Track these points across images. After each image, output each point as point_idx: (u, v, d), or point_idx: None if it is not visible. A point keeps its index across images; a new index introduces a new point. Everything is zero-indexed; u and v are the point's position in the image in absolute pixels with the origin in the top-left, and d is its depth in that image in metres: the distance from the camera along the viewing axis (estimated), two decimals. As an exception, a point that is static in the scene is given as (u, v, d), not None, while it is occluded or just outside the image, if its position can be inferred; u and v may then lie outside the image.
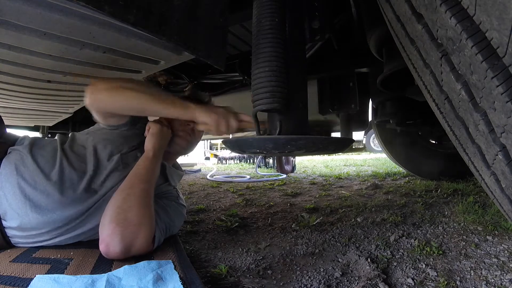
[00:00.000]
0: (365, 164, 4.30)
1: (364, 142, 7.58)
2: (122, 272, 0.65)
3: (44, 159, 0.85)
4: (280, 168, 3.51)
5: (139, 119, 1.05)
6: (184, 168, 1.23)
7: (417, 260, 0.84)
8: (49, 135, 2.28)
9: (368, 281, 0.71)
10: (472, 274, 0.75)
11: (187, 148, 1.11)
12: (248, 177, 3.12)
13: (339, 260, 0.87)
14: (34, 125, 2.44)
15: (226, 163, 5.90)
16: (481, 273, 0.75)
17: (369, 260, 0.84)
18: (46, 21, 0.67)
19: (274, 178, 2.95)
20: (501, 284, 0.69)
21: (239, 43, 1.37)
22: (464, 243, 0.95)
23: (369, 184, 2.21)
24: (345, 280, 0.74)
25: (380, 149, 3.95)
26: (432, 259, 0.85)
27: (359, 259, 0.86)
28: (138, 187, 0.82)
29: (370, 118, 1.82)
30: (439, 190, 1.84)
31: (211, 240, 1.06)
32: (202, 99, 1.07)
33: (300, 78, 0.77)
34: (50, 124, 2.31)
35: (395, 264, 0.83)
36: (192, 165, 5.11)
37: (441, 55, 0.41)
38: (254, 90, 0.70)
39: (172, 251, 0.82)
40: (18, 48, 0.78)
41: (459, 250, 0.90)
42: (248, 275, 0.78)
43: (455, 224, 1.14)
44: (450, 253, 0.88)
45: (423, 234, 1.06)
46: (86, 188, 0.85)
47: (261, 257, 0.90)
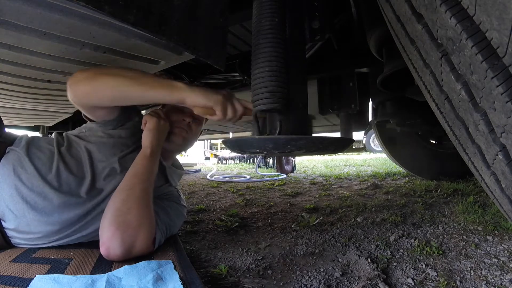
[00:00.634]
0: (365, 164, 4.30)
1: (364, 142, 7.58)
2: (122, 272, 0.65)
3: (41, 161, 0.84)
4: (280, 168, 3.51)
5: (132, 113, 0.99)
6: (184, 168, 1.22)
7: (417, 260, 0.84)
8: (49, 135, 2.28)
9: (368, 281, 0.71)
10: (472, 274, 0.75)
11: (183, 145, 1.05)
12: (248, 177, 3.13)
13: (339, 260, 0.87)
14: (34, 125, 2.44)
15: (226, 163, 5.90)
16: (481, 273, 0.75)
17: (369, 260, 0.84)
18: (46, 21, 0.67)
19: (274, 178, 2.95)
20: (501, 284, 0.69)
21: (239, 43, 1.37)
22: (464, 243, 0.95)
23: (369, 184, 2.21)
24: (345, 280, 0.74)
25: (380, 149, 3.95)
26: (432, 259, 0.85)
27: (359, 259, 0.86)
28: (137, 187, 0.80)
29: (370, 118, 1.82)
30: (439, 190, 1.84)
31: (211, 240, 1.06)
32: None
33: (300, 78, 0.77)
34: (50, 124, 2.32)
35: (395, 264, 0.83)
36: (192, 165, 5.11)
37: (441, 55, 0.41)
38: (254, 90, 0.70)
39: (172, 251, 0.82)
40: (18, 48, 0.78)
41: (459, 250, 0.90)
42: (248, 275, 0.78)
43: (455, 224, 1.14)
44: (450, 253, 0.88)
45: (423, 234, 1.06)
46: (85, 193, 0.84)
47: (261, 257, 0.90)
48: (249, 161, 5.61)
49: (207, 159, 7.31)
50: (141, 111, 1.06)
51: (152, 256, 0.78)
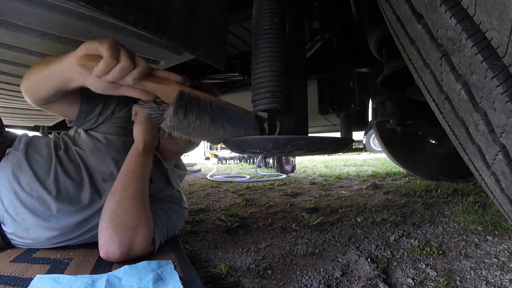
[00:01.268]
0: (365, 164, 4.30)
1: (364, 142, 7.58)
2: (122, 272, 0.65)
3: (39, 165, 0.83)
4: (280, 168, 3.51)
5: (106, 104, 0.90)
6: (184, 168, 1.21)
7: (417, 260, 0.84)
8: (49, 135, 2.28)
9: (368, 281, 0.71)
10: (472, 274, 0.75)
11: (188, 146, 1.03)
12: (248, 177, 3.13)
13: (339, 260, 0.87)
14: (34, 125, 2.44)
15: (226, 163, 5.90)
16: (481, 273, 0.75)
17: (369, 260, 0.84)
18: (46, 21, 0.67)
19: (274, 178, 2.95)
20: (501, 284, 0.69)
21: (239, 43, 1.37)
22: (464, 243, 0.95)
23: (369, 184, 2.21)
24: (345, 280, 0.74)
25: (380, 149, 3.95)
26: (432, 259, 0.85)
27: (359, 259, 0.86)
28: (131, 187, 0.78)
29: (370, 118, 1.82)
30: (439, 190, 1.84)
31: (211, 240, 1.06)
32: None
33: (300, 78, 0.77)
34: (50, 124, 2.32)
35: (395, 264, 0.83)
36: (192, 165, 5.10)
37: (441, 55, 0.41)
38: (254, 90, 0.70)
39: (172, 251, 0.82)
40: (18, 48, 0.78)
41: (459, 250, 0.90)
42: (248, 275, 0.78)
43: (455, 224, 1.14)
44: (450, 253, 0.88)
45: (423, 234, 1.06)
46: (84, 199, 0.83)
47: (261, 257, 0.90)
48: (249, 161, 5.61)
49: (207, 159, 7.30)
50: (128, 103, 0.95)
51: (152, 256, 0.78)
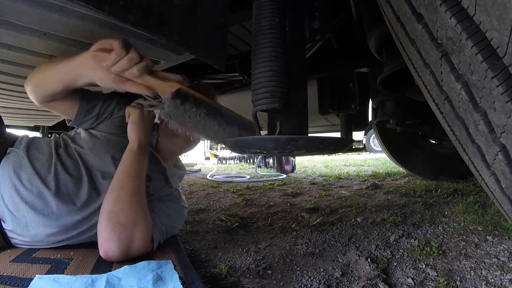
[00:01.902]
0: (365, 164, 4.30)
1: (364, 142, 7.57)
2: (122, 272, 0.65)
3: (40, 162, 0.84)
4: (280, 168, 3.51)
5: (103, 103, 0.94)
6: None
7: (417, 260, 0.84)
8: (49, 135, 2.28)
9: (368, 281, 0.71)
10: (472, 274, 0.75)
11: (185, 147, 1.06)
12: (248, 177, 3.12)
13: (339, 260, 0.87)
14: (34, 125, 2.44)
15: (226, 163, 5.90)
16: (481, 273, 0.75)
17: (369, 260, 0.84)
18: (46, 21, 0.67)
19: (274, 178, 2.95)
20: (501, 284, 0.69)
21: (239, 43, 1.37)
22: (464, 243, 0.95)
23: (369, 184, 2.21)
24: (345, 280, 0.74)
25: (380, 149, 3.95)
26: (432, 259, 0.85)
27: (359, 259, 0.86)
28: (127, 186, 0.78)
29: (370, 118, 1.82)
30: (439, 190, 1.84)
31: (211, 240, 1.06)
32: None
33: (300, 78, 0.77)
34: (50, 124, 2.32)
35: (395, 264, 0.83)
36: (192, 165, 5.10)
37: (441, 55, 0.41)
38: (254, 90, 0.70)
39: (172, 251, 0.82)
40: (18, 48, 0.78)
41: (459, 250, 0.90)
42: (248, 275, 0.78)
43: (455, 224, 1.14)
44: (450, 253, 0.88)
45: (423, 234, 1.06)
46: (83, 197, 0.83)
47: (261, 257, 0.90)
48: (249, 161, 5.61)
49: (207, 159, 7.30)
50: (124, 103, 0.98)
51: (152, 256, 0.78)
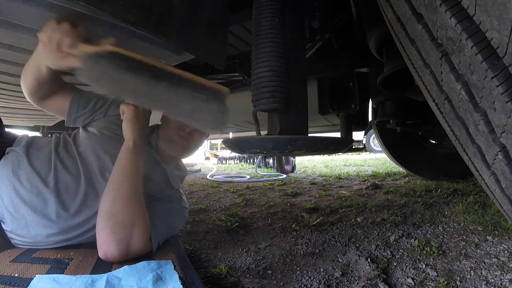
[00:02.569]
0: (365, 164, 4.30)
1: (364, 142, 7.57)
2: (122, 272, 0.65)
3: (40, 161, 0.83)
4: (280, 168, 3.51)
5: (98, 99, 0.95)
6: (184, 168, 1.21)
7: (417, 260, 0.84)
8: (49, 135, 2.28)
9: (368, 281, 0.71)
10: (472, 274, 0.75)
11: (183, 153, 1.04)
12: (248, 177, 3.12)
13: (339, 260, 0.87)
14: (34, 125, 2.44)
15: (226, 163, 5.90)
16: (481, 273, 0.75)
17: (369, 260, 0.84)
18: (46, 21, 0.67)
19: (274, 178, 2.95)
20: (501, 284, 0.69)
21: (239, 43, 1.37)
22: (464, 243, 0.95)
23: (369, 184, 2.21)
24: (345, 280, 0.74)
25: (380, 149, 3.95)
26: (432, 259, 0.85)
27: (359, 259, 0.86)
28: (124, 185, 0.77)
29: (370, 118, 1.82)
30: (439, 190, 1.84)
31: (211, 240, 1.06)
32: None
33: (300, 78, 0.77)
34: (50, 124, 2.32)
35: (395, 264, 0.83)
36: (192, 165, 5.10)
37: (441, 55, 0.41)
38: (254, 90, 0.70)
39: (172, 251, 0.82)
40: (18, 48, 0.78)
41: (459, 250, 0.90)
42: (248, 275, 0.78)
43: (455, 224, 1.14)
44: (450, 253, 0.88)
45: (423, 234, 1.06)
46: (81, 194, 0.83)
47: (261, 257, 0.90)
48: (249, 161, 5.61)
49: (207, 159, 7.30)
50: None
51: (152, 256, 0.78)
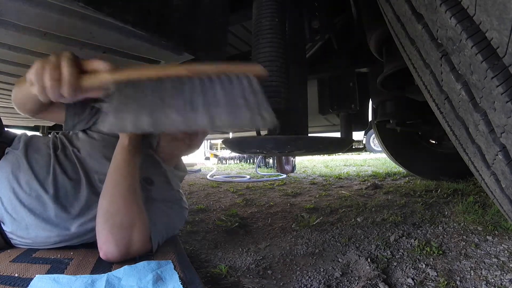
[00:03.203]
0: (365, 164, 4.30)
1: (364, 142, 7.57)
2: (122, 272, 0.65)
3: (39, 164, 0.83)
4: (280, 168, 3.51)
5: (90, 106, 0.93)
6: (184, 168, 1.21)
7: (417, 260, 0.84)
8: (49, 135, 2.28)
9: (368, 281, 0.71)
10: (472, 274, 0.75)
11: (185, 151, 1.05)
12: (248, 177, 3.12)
13: (339, 260, 0.87)
14: (34, 125, 2.44)
15: (226, 163, 5.90)
16: (481, 273, 0.75)
17: (369, 260, 0.84)
18: (46, 21, 0.67)
19: (274, 178, 2.95)
20: (501, 284, 0.69)
21: (239, 43, 1.37)
22: (464, 243, 0.95)
23: (369, 184, 2.21)
24: (345, 280, 0.74)
25: (380, 149, 3.95)
26: (432, 259, 0.85)
27: (359, 259, 0.86)
28: (121, 185, 0.77)
29: (370, 118, 1.82)
30: (439, 190, 1.84)
31: (211, 240, 1.06)
32: None
33: (300, 78, 0.77)
34: (50, 124, 2.32)
35: (395, 264, 0.83)
36: (192, 165, 5.10)
37: (441, 55, 0.41)
38: (254, 90, 0.70)
39: (172, 251, 0.82)
40: (18, 48, 0.78)
41: (459, 250, 0.90)
42: (248, 275, 0.78)
43: (455, 224, 1.14)
44: (450, 253, 0.88)
45: (423, 234, 1.06)
46: (81, 198, 0.83)
47: (261, 257, 0.90)
48: (249, 161, 5.61)
49: (207, 159, 7.30)
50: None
51: (152, 256, 0.78)
